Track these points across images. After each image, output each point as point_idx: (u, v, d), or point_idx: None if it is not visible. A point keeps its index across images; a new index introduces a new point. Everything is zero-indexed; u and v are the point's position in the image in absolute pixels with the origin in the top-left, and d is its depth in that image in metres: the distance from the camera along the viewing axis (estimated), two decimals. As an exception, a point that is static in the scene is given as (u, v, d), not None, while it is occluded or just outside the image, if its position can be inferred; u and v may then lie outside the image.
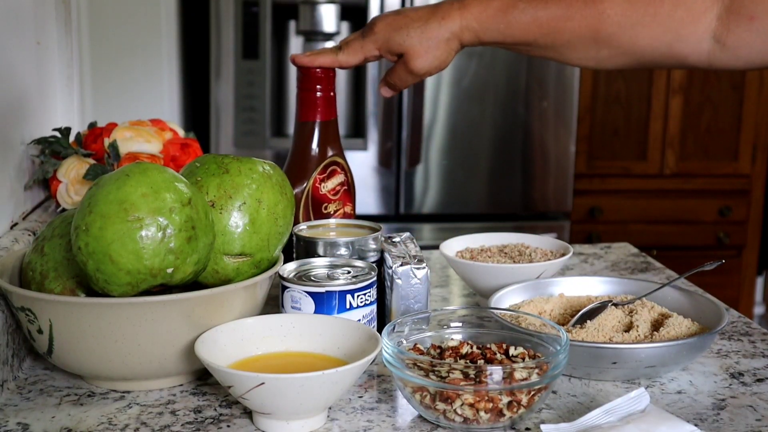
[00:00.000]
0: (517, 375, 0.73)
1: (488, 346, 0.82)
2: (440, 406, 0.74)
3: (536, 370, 0.74)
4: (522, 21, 1.00)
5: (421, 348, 0.83)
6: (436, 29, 1.02)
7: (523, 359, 0.79)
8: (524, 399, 0.74)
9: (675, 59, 1.01)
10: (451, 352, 0.81)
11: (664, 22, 0.98)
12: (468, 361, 0.79)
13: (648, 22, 0.98)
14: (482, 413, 0.73)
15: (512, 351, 0.81)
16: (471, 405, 0.73)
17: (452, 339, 0.85)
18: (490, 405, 0.73)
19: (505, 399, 0.73)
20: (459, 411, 0.74)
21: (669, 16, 0.98)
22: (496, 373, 0.73)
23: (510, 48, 1.05)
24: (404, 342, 0.83)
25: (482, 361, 0.79)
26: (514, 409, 0.74)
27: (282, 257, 0.90)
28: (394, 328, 0.82)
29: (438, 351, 0.83)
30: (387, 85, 1.10)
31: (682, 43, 0.98)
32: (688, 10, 0.97)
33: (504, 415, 0.74)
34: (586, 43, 1.01)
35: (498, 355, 0.80)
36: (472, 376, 0.74)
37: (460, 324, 0.87)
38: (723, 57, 0.98)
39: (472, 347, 0.82)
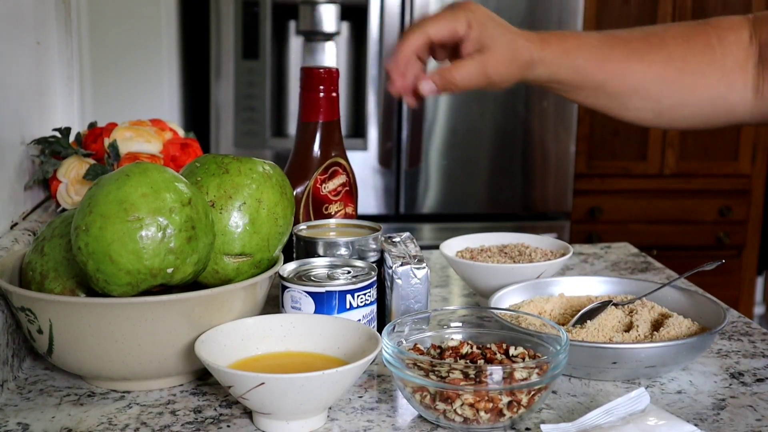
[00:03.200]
0: (517, 375, 0.73)
1: (488, 346, 0.82)
2: (440, 406, 0.74)
3: (536, 370, 0.74)
4: (595, 58, 0.97)
5: (421, 348, 0.83)
6: (523, 47, 0.94)
7: (523, 359, 0.79)
8: (524, 399, 0.74)
9: (725, 112, 1.00)
10: (451, 352, 0.81)
11: (718, 69, 0.97)
12: (468, 360, 0.79)
13: (705, 68, 0.97)
14: (482, 413, 0.73)
15: (512, 351, 0.81)
16: (471, 405, 0.73)
17: (452, 339, 0.85)
18: (490, 405, 0.73)
19: (505, 399, 0.73)
20: (459, 411, 0.74)
21: (722, 64, 0.97)
22: (496, 373, 0.73)
23: (573, 90, 0.99)
24: (404, 342, 0.83)
25: (482, 360, 0.79)
26: (514, 409, 0.74)
27: (282, 257, 0.90)
28: (394, 328, 0.82)
29: (438, 351, 0.83)
30: (433, 80, 0.93)
31: (733, 92, 0.98)
32: (735, 59, 0.97)
33: (504, 415, 0.74)
34: (650, 89, 0.98)
35: (498, 355, 0.80)
36: (472, 376, 0.74)
37: (460, 324, 0.87)
38: (763, 107, 0.97)
39: (472, 347, 0.82)
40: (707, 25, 1.01)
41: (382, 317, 0.95)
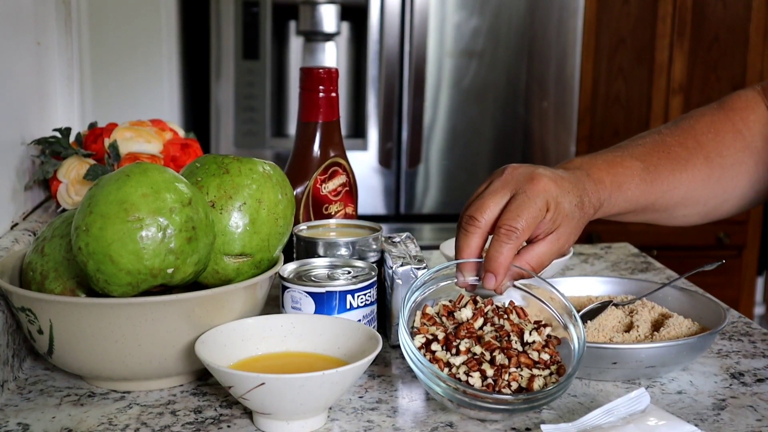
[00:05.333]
0: (535, 385, 0.75)
1: (502, 323, 0.81)
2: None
3: (554, 376, 0.76)
4: (644, 183, 0.93)
5: (430, 313, 0.82)
6: (588, 206, 0.87)
7: (539, 352, 0.79)
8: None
9: (766, 192, 1.01)
10: (465, 331, 0.80)
11: (753, 153, 0.99)
12: (485, 350, 0.78)
13: (741, 156, 0.98)
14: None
15: (527, 336, 0.80)
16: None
17: (464, 305, 0.83)
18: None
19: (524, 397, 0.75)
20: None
21: (753, 146, 0.98)
22: (513, 387, 0.75)
23: (620, 216, 0.95)
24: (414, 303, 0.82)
25: (499, 353, 0.77)
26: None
27: (282, 257, 0.90)
28: (406, 297, 0.80)
29: (453, 324, 0.81)
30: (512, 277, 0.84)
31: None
32: (763, 137, 0.98)
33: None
34: (697, 196, 0.97)
35: (514, 343, 0.79)
36: (491, 382, 0.75)
37: (475, 275, 0.85)
38: None
39: (485, 322, 0.81)
40: (726, 108, 1.01)
41: (383, 317, 0.95)
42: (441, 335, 0.79)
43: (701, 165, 0.97)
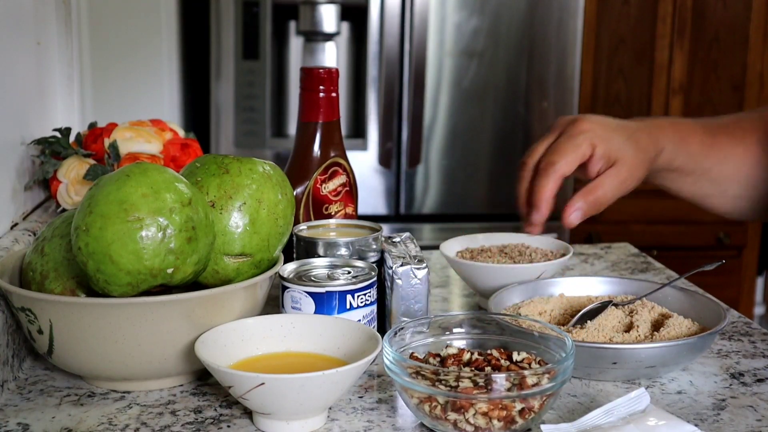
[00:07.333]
0: (529, 381, 0.72)
1: (489, 352, 0.80)
2: (452, 416, 0.72)
3: (546, 375, 0.73)
4: (705, 143, 0.96)
5: (419, 357, 0.81)
6: (647, 144, 0.90)
7: (529, 364, 0.78)
8: (536, 405, 0.73)
9: None
10: (453, 360, 0.79)
11: None
12: (474, 368, 0.77)
13: None
14: (495, 421, 0.72)
15: (516, 356, 0.79)
16: (484, 414, 0.72)
17: (450, 346, 0.82)
18: (504, 413, 0.72)
19: (519, 406, 0.72)
20: (471, 420, 0.72)
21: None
22: (507, 380, 0.72)
23: (682, 177, 0.96)
24: (402, 351, 0.82)
25: (488, 368, 0.77)
26: (526, 415, 0.73)
27: (282, 257, 0.90)
28: (395, 334, 0.80)
29: (438, 360, 0.80)
30: (578, 207, 0.90)
31: None
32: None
33: (516, 422, 0.73)
34: (750, 173, 0.98)
35: (502, 361, 0.78)
36: (482, 384, 0.72)
37: (461, 329, 0.85)
38: None
39: (473, 354, 0.80)
40: None
41: (383, 317, 0.95)
42: (430, 368, 0.76)
43: (754, 146, 0.98)
